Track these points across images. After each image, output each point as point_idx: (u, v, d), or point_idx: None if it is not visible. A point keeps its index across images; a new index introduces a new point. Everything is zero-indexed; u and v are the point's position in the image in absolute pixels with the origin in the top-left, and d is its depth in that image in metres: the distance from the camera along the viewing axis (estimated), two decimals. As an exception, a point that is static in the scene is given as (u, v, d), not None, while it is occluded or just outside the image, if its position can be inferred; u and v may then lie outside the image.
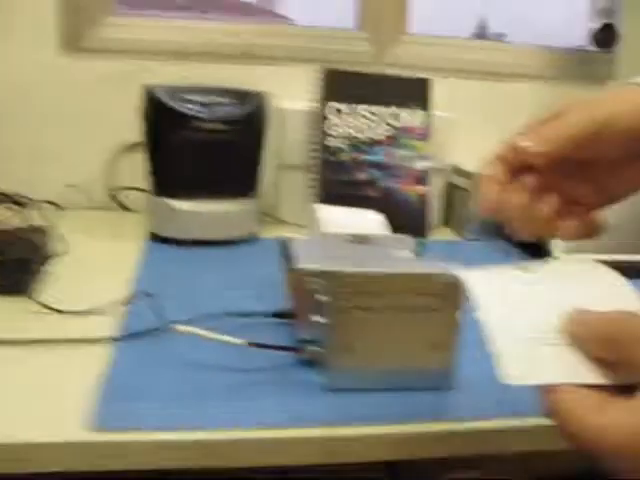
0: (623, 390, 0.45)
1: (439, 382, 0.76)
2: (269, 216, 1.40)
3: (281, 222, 1.38)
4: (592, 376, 0.47)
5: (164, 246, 1.19)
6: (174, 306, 0.89)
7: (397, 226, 1.36)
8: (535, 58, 1.60)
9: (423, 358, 0.75)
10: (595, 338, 0.47)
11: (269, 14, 1.98)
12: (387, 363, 0.74)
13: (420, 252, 0.82)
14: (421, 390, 0.75)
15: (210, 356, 0.79)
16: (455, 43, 1.55)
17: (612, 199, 0.57)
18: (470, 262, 1.16)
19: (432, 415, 0.72)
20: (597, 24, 1.67)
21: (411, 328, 0.74)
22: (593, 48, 1.67)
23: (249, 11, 1.66)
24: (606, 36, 1.67)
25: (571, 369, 0.47)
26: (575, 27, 1.73)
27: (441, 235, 1.42)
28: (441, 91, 1.44)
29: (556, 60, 1.61)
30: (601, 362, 0.47)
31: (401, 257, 0.82)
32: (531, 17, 1.73)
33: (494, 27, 1.72)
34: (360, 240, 0.88)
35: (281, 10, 1.94)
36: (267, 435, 0.68)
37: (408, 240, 0.88)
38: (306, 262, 0.78)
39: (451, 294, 0.73)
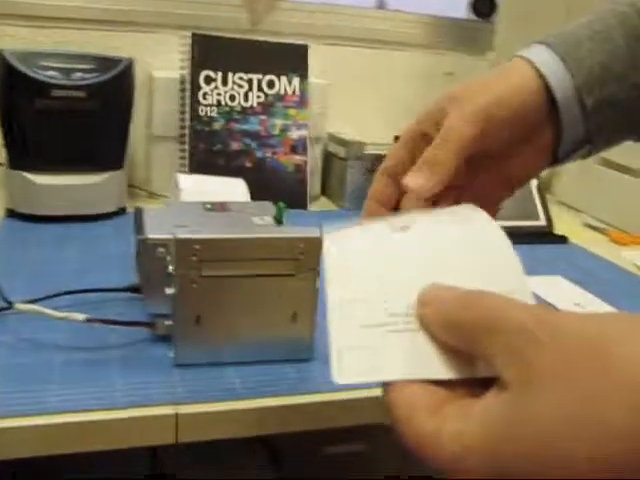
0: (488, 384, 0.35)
1: (299, 353, 0.73)
2: (141, 189, 1.34)
3: (153, 195, 1.32)
4: (439, 369, 0.38)
5: (22, 223, 1.11)
6: (23, 285, 0.83)
7: (274, 197, 1.32)
8: (415, 26, 1.58)
9: (281, 328, 0.72)
10: (442, 322, 0.38)
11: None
12: (241, 335, 0.71)
13: (280, 219, 0.78)
14: (280, 362, 0.72)
15: (56, 336, 0.74)
16: (334, 10, 1.51)
17: (515, 186, 0.56)
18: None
19: (293, 388, 0.69)
20: (475, -7, 1.66)
21: (266, 296, 0.70)
22: (473, 17, 1.67)
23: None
24: (484, 5, 1.67)
25: (415, 361, 0.39)
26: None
27: (319, 206, 1.39)
28: (318, 59, 1.41)
29: (436, 29, 1.60)
30: (455, 351, 0.38)
31: (259, 224, 0.77)
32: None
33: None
34: (218, 208, 0.83)
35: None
36: (112, 416, 0.63)
37: (268, 206, 0.84)
38: (155, 231, 0.73)
39: (308, 260, 0.70)
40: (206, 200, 0.86)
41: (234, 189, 0.96)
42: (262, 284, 0.69)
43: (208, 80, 1.29)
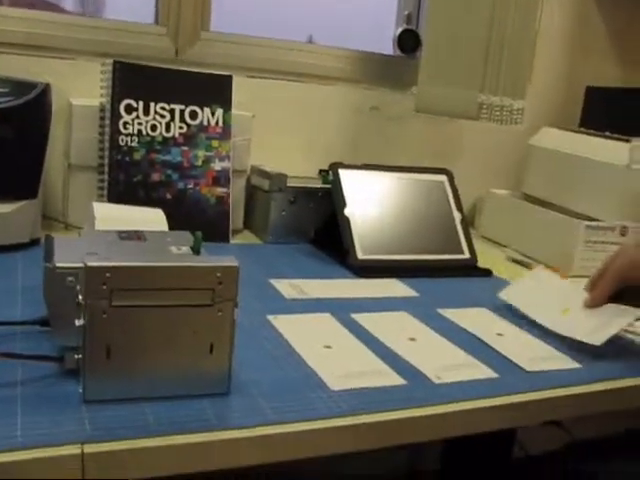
0: None
1: (216, 386, 0.70)
2: (57, 221, 1.29)
3: (70, 227, 1.27)
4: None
5: None
6: None
7: (195, 230, 1.29)
8: (341, 61, 1.58)
9: (197, 360, 0.68)
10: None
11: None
12: (155, 368, 0.67)
13: (198, 248, 0.75)
14: (196, 396, 0.69)
15: (-47, 370, 0.69)
16: (260, 43, 1.51)
17: None
18: (272, 264, 1.12)
19: (210, 424, 0.65)
20: (400, 29, 1.68)
21: (182, 328, 0.67)
22: (398, 53, 1.68)
23: (40, 7, 1.53)
24: (409, 42, 1.69)
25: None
26: (385, 33, 1.74)
27: (243, 239, 1.37)
28: (243, 90, 1.39)
29: (362, 64, 1.60)
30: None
31: (176, 253, 0.74)
32: (341, 22, 1.72)
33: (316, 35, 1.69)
34: (134, 237, 0.80)
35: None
36: (13, 458, 0.58)
37: (186, 236, 0.81)
38: (64, 259, 0.70)
39: (226, 290, 0.67)
40: (122, 229, 0.83)
41: (152, 219, 0.93)
42: (177, 315, 0.66)
43: (129, 109, 1.26)
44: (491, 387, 0.79)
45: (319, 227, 1.36)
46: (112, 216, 0.91)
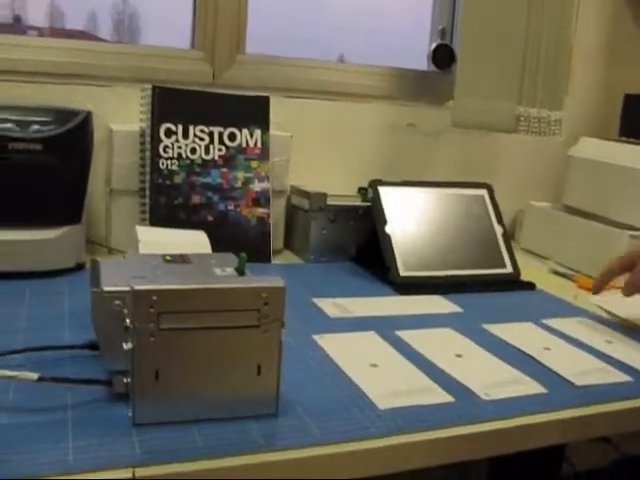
0: None
1: (264, 408, 0.70)
2: (101, 245, 1.31)
3: (113, 251, 1.29)
4: None
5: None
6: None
7: (237, 251, 1.29)
8: (377, 79, 1.59)
9: (245, 382, 0.68)
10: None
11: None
12: (203, 391, 0.67)
13: (242, 269, 0.75)
14: (244, 418, 0.69)
15: (6, 397, 0.70)
16: (294, 63, 1.52)
17: None
18: (315, 283, 1.13)
19: (258, 445, 0.65)
20: (435, 44, 1.68)
21: (229, 349, 0.67)
22: (433, 69, 1.68)
23: (77, 37, 1.56)
24: (444, 57, 1.69)
25: None
26: (418, 49, 1.74)
27: (284, 259, 1.37)
28: (280, 111, 1.40)
29: (397, 81, 1.61)
30: None
31: (220, 274, 0.75)
32: (376, 39, 1.73)
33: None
34: (178, 260, 0.80)
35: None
36: (67, 481, 0.59)
37: (230, 258, 0.82)
38: (111, 283, 0.71)
39: (272, 310, 0.67)
40: (166, 252, 0.84)
41: (195, 241, 0.93)
42: (224, 336, 0.66)
43: (169, 133, 1.28)
44: (540, 403, 0.78)
45: (360, 245, 1.36)
46: (156, 239, 0.92)
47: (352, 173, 1.52)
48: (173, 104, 1.29)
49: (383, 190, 1.28)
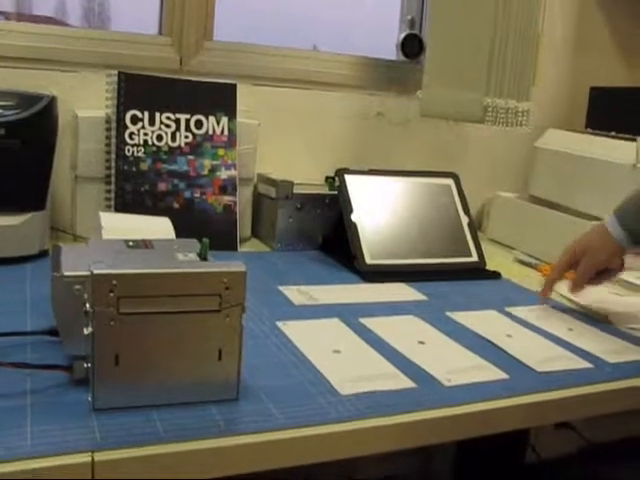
0: None
1: (225, 392, 0.70)
2: (66, 232, 1.30)
3: (78, 238, 1.28)
4: None
5: None
6: None
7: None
8: (345, 67, 1.58)
9: (206, 367, 0.68)
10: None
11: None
12: (163, 375, 0.67)
13: (205, 255, 0.75)
14: (205, 403, 0.69)
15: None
16: (263, 50, 1.51)
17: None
18: (281, 271, 1.13)
19: (218, 430, 0.65)
20: (404, 34, 1.68)
21: (190, 334, 0.67)
22: (402, 58, 1.68)
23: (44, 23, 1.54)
24: (412, 46, 1.69)
25: None
26: (388, 38, 1.74)
27: (251, 247, 1.37)
28: (247, 98, 1.40)
29: (366, 69, 1.61)
30: None
31: (182, 259, 0.74)
32: (344, 29, 1.72)
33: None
34: (141, 245, 0.80)
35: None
36: (22, 467, 0.58)
37: (193, 243, 0.81)
38: (72, 268, 0.70)
39: (233, 295, 0.67)
40: (129, 238, 0.83)
41: (159, 227, 0.93)
42: (185, 321, 0.66)
43: (135, 119, 1.27)
44: (502, 388, 0.79)
45: (327, 233, 1.36)
46: (119, 225, 0.92)
47: (321, 162, 1.52)
48: (139, 90, 1.28)
49: (349, 179, 1.29)
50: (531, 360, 0.87)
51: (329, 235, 1.35)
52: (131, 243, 0.81)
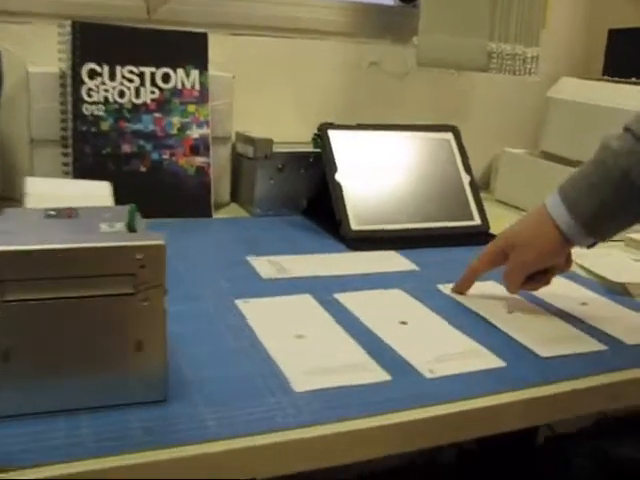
0: None
1: (146, 394, 0.57)
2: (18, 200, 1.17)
3: (34, 208, 1.14)
4: None
5: None
6: None
7: (173, 205, 1.17)
8: (334, 13, 1.43)
9: (122, 362, 0.55)
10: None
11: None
12: (68, 374, 0.54)
13: (133, 225, 0.61)
14: (125, 406, 0.56)
15: None
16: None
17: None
18: (256, 239, 0.99)
19: (133, 441, 0.52)
20: (399, -22, 1.52)
21: (98, 323, 0.54)
22: (396, 3, 1.53)
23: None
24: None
25: None
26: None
27: (229, 213, 1.23)
28: (222, 49, 1.26)
29: (357, 15, 1.45)
30: None
31: (105, 231, 0.61)
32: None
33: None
34: (63, 214, 0.66)
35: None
36: None
37: (122, 211, 0.68)
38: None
39: (150, 274, 0.54)
40: (56, 206, 0.70)
41: (95, 193, 0.79)
42: (91, 308, 0.53)
43: (92, 74, 1.13)
44: (495, 381, 0.65)
45: (312, 197, 1.22)
46: (48, 192, 0.78)
47: (308, 119, 1.37)
48: (97, 42, 1.14)
49: (334, 134, 1.14)
50: (534, 342, 0.73)
51: (314, 199, 1.22)
52: (52, 212, 0.67)
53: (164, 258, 0.54)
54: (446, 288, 0.88)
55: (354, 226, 1.07)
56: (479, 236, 1.15)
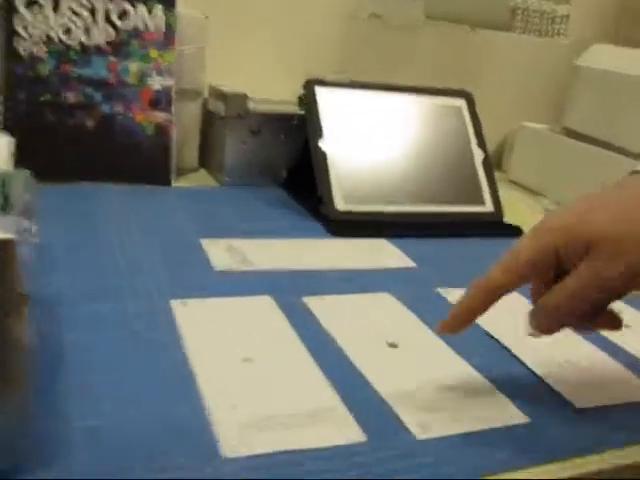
0: None
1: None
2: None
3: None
4: None
5: None
6: None
7: (126, 169, 0.97)
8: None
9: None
10: None
11: None
12: None
13: (5, 204, 0.42)
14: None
15: None
16: None
17: None
18: (218, 216, 0.80)
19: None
20: None
21: None
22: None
23: None
24: None
25: None
26: None
27: (195, 181, 1.04)
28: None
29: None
30: None
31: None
32: None
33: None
34: None
35: None
36: None
37: (19, 176, 0.48)
38: None
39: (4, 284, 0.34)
40: None
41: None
42: None
43: (30, 6, 0.93)
44: (513, 449, 0.45)
45: (293, 167, 1.02)
46: None
47: (294, 74, 1.16)
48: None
49: (322, 92, 0.94)
50: (570, 387, 0.53)
51: (296, 170, 1.02)
52: None
53: (14, 257, 0.34)
54: (448, 294, 0.69)
55: (339, 206, 0.88)
56: (491, 225, 0.96)
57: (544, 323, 0.47)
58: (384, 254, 0.80)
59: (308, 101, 0.93)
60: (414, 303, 0.65)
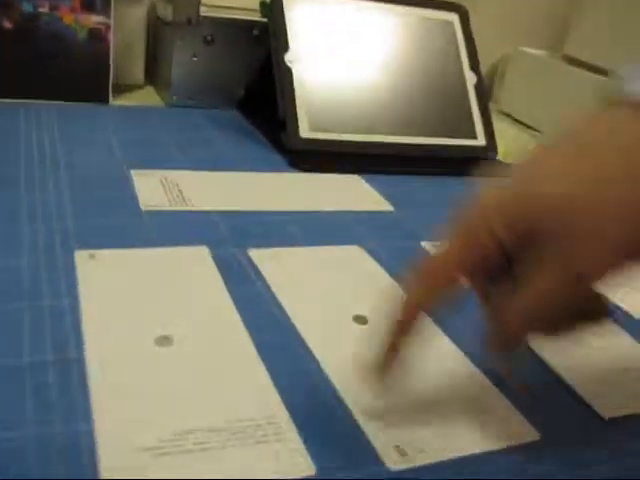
0: None
1: None
2: None
3: None
4: None
5: None
6: None
7: (52, 83, 0.81)
8: None
9: None
10: None
11: None
12: None
13: None
14: None
15: None
16: None
17: None
18: (158, 142, 0.66)
19: None
20: None
21: None
22: None
23: None
24: None
25: None
26: None
27: (137, 99, 0.88)
28: None
29: None
30: None
31: None
32: None
33: None
34: None
35: None
36: None
37: None
38: None
39: None
40: None
41: None
42: None
43: None
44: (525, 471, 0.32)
45: (252, 85, 0.87)
46: None
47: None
48: None
49: (289, -3, 0.78)
50: (595, 389, 0.40)
51: (255, 89, 0.86)
52: None
53: None
54: (435, 247, 0.55)
55: (304, 133, 0.73)
56: (482, 162, 0.81)
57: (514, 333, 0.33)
58: (356, 194, 0.66)
59: (273, 7, 0.77)
60: (392, 261, 0.51)
